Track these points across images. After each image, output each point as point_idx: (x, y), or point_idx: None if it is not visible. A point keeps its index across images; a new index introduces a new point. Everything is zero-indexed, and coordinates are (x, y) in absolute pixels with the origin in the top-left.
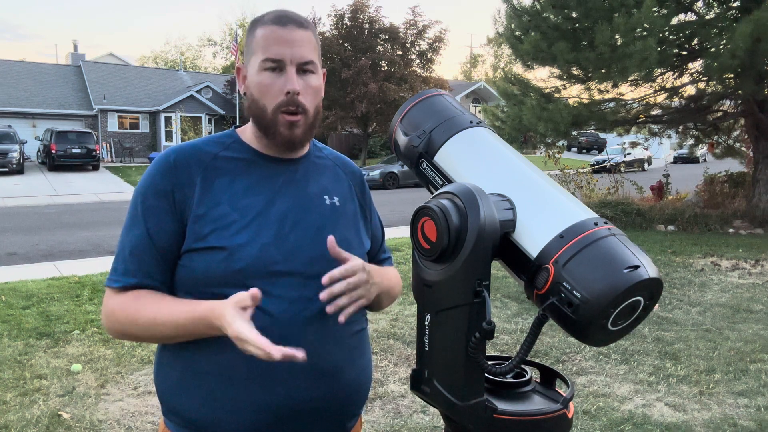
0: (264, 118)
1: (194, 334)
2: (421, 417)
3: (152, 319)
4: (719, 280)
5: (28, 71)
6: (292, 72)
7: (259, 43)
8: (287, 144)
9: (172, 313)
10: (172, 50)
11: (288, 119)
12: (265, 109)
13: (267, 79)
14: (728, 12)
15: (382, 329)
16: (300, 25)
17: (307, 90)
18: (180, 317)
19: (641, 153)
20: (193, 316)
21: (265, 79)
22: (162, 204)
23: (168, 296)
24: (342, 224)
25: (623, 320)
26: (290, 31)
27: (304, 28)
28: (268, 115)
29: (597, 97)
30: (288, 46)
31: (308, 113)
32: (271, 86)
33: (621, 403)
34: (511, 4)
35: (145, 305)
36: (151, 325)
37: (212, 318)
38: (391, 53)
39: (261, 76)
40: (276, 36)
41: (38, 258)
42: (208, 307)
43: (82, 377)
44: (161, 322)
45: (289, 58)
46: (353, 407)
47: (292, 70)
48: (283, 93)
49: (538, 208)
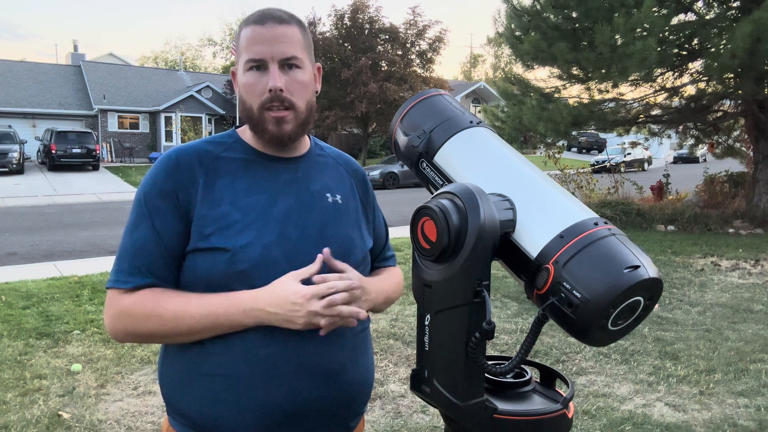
0: (252, 117)
1: (223, 324)
2: (421, 417)
3: (181, 311)
4: (719, 280)
5: (28, 71)
6: (274, 69)
7: (243, 45)
8: (276, 141)
9: (203, 303)
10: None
11: (274, 116)
12: (252, 109)
13: (251, 78)
14: (728, 12)
15: (382, 329)
16: (281, 21)
17: (293, 85)
18: (214, 304)
19: (641, 153)
20: (230, 301)
21: (249, 78)
22: (166, 204)
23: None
24: (344, 222)
25: (623, 320)
26: (269, 28)
27: (285, 24)
28: (255, 114)
29: (597, 97)
30: (268, 44)
31: (297, 108)
32: (255, 85)
33: (621, 403)
34: (511, 4)
35: (168, 298)
36: (178, 318)
37: (257, 296)
38: (391, 53)
39: (246, 77)
40: (256, 35)
41: (38, 258)
42: (251, 293)
43: (82, 377)
44: (191, 314)
45: (269, 55)
46: (357, 406)
47: (274, 67)
48: (266, 91)
49: (538, 208)
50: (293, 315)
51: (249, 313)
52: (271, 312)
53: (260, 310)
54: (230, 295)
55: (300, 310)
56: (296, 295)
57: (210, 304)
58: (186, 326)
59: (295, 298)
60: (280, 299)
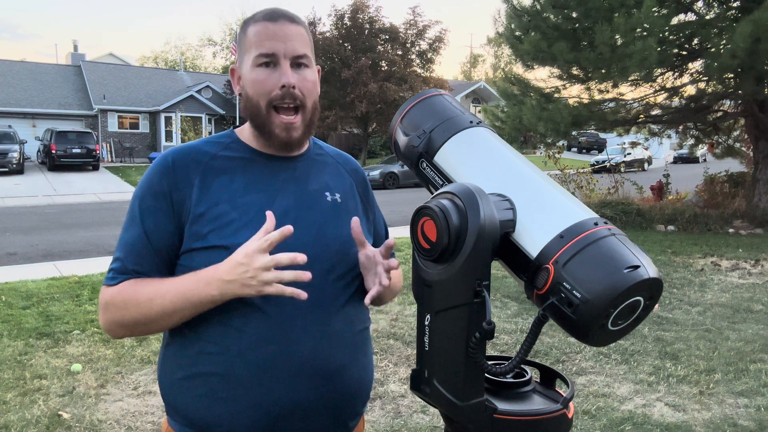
0: (259, 115)
1: (192, 300)
2: (421, 417)
3: (154, 293)
4: (719, 280)
5: (28, 71)
6: (286, 65)
7: (251, 41)
8: (284, 146)
9: (173, 283)
10: (172, 50)
11: (285, 121)
12: (259, 106)
13: (261, 74)
14: (728, 12)
15: (382, 329)
16: (291, 20)
17: (304, 83)
18: (183, 282)
19: (641, 153)
20: (197, 277)
21: (259, 74)
22: (160, 204)
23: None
24: (344, 221)
25: (623, 320)
26: (282, 26)
27: (296, 24)
28: (263, 111)
29: (597, 97)
30: (281, 41)
31: (306, 108)
32: (265, 81)
33: (621, 403)
34: (511, 4)
35: (145, 285)
36: (153, 300)
37: (217, 267)
38: (391, 53)
39: (255, 72)
40: (268, 31)
41: (38, 258)
42: (213, 266)
43: (82, 377)
44: (162, 294)
45: (282, 52)
46: (356, 406)
47: (286, 63)
48: (278, 87)
49: (538, 208)
50: (244, 277)
51: (211, 284)
52: (228, 280)
53: (219, 280)
54: (196, 273)
55: (248, 269)
56: (241, 255)
57: (179, 282)
58: (160, 307)
59: (241, 258)
60: (231, 264)
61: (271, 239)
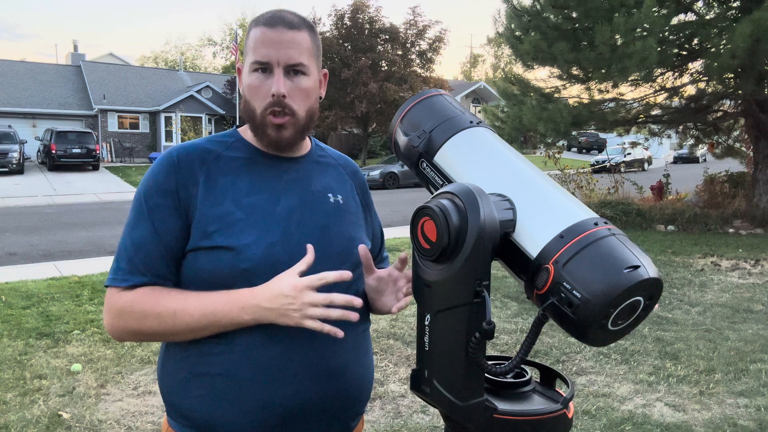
0: (254, 119)
1: (221, 322)
2: (421, 417)
3: (180, 309)
4: (719, 280)
5: (28, 71)
6: (279, 74)
7: (250, 45)
8: (274, 145)
9: (201, 301)
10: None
11: (275, 121)
12: (255, 111)
13: (256, 80)
14: (728, 12)
15: (382, 329)
16: (291, 26)
17: (296, 92)
18: (213, 302)
19: (641, 153)
20: (230, 298)
21: (254, 80)
22: (167, 202)
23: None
24: (346, 222)
25: (623, 320)
26: (279, 32)
27: (295, 29)
28: (258, 116)
29: (597, 97)
30: (275, 48)
31: (297, 115)
32: (259, 88)
33: (621, 403)
34: (511, 4)
35: (167, 296)
36: (177, 315)
37: (254, 293)
38: (391, 53)
39: (250, 78)
40: (264, 38)
41: (38, 258)
42: (249, 290)
43: (82, 377)
44: (189, 312)
45: (275, 60)
46: (358, 406)
47: (279, 72)
48: (269, 95)
49: (538, 208)
50: (288, 308)
51: (246, 309)
52: (267, 308)
53: (257, 306)
54: (229, 293)
55: (294, 302)
56: (289, 287)
57: (208, 301)
58: (184, 324)
59: (288, 291)
60: (275, 293)
61: (326, 279)
